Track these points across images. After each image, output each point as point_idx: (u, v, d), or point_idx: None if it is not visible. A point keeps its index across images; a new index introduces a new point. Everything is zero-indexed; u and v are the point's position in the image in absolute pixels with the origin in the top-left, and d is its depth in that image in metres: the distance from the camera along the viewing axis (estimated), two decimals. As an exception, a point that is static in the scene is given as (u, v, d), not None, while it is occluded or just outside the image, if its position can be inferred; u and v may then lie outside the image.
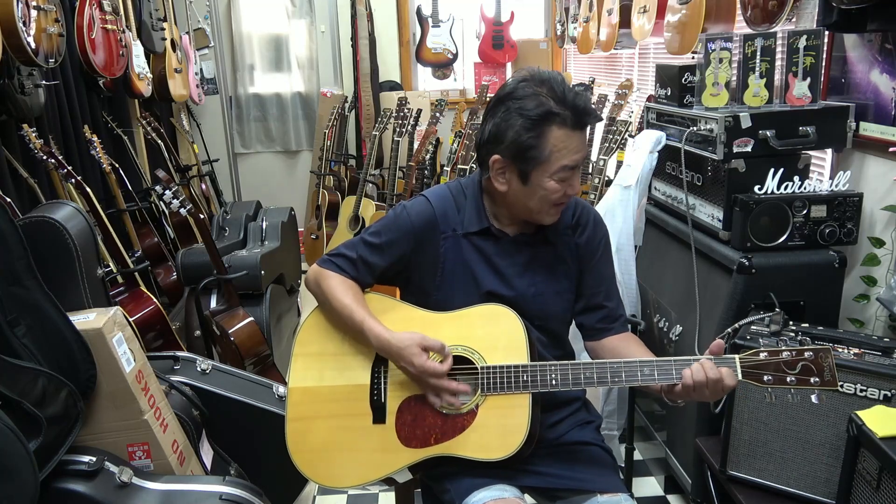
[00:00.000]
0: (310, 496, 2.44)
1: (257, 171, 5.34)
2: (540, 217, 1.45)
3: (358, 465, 1.46)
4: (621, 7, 3.21)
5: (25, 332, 1.46)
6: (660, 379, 1.34)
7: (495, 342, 1.43)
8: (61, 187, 2.83)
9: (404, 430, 1.44)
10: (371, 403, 1.47)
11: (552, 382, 1.37)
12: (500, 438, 1.38)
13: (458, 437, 1.41)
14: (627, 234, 2.31)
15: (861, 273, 1.95)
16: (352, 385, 1.49)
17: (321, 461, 1.48)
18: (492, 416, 1.40)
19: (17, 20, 2.26)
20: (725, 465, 1.77)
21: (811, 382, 1.22)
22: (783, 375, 1.23)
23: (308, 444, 1.49)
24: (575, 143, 1.36)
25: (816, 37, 1.97)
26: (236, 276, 2.87)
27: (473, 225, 1.49)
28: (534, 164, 1.37)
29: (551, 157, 1.35)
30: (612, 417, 2.43)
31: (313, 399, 1.51)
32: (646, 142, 2.29)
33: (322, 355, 1.53)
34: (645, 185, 2.36)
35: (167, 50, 4.05)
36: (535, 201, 1.42)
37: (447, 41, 4.98)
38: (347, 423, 1.48)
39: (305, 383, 1.52)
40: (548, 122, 1.34)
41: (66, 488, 1.45)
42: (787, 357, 1.24)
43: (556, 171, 1.37)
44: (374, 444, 1.45)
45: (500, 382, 1.40)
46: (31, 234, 1.65)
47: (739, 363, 1.28)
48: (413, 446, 1.43)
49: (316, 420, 1.50)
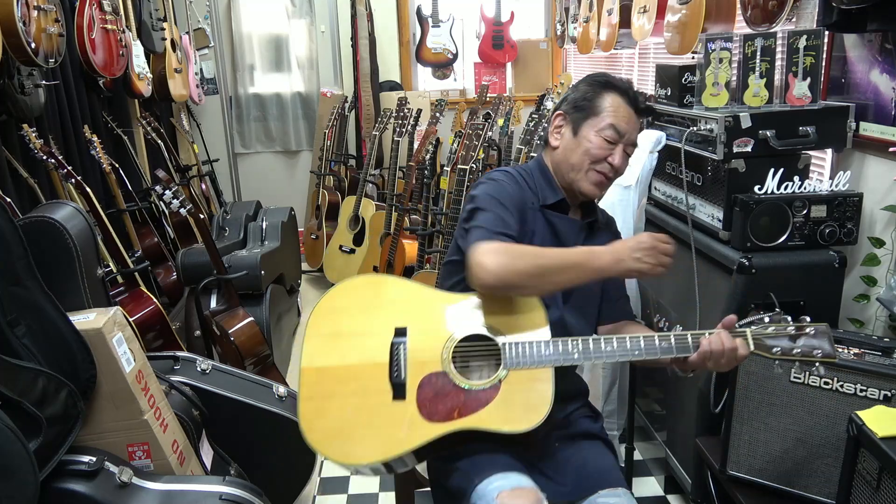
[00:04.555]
0: (310, 496, 2.44)
1: (257, 171, 5.34)
2: (579, 179, 1.58)
3: (378, 441, 1.45)
4: (621, 7, 3.21)
5: (25, 332, 1.46)
6: (678, 350, 1.41)
7: (516, 319, 1.47)
8: (61, 187, 2.83)
9: (426, 405, 1.45)
10: (390, 380, 1.47)
11: (574, 355, 1.42)
12: (523, 411, 1.41)
13: (481, 410, 1.42)
14: (627, 235, 2.31)
15: (861, 273, 1.95)
16: (369, 363, 1.49)
17: (337, 439, 1.47)
18: (515, 390, 1.43)
19: (17, 20, 2.26)
20: (725, 465, 1.77)
21: (814, 354, 1.36)
22: (790, 347, 1.37)
23: (323, 422, 1.48)
24: (627, 112, 1.56)
25: (816, 37, 1.97)
26: (236, 276, 2.87)
27: (549, 197, 1.61)
28: (587, 115, 1.57)
29: (602, 113, 1.55)
30: (612, 417, 2.43)
31: (328, 378, 1.50)
32: (646, 142, 2.29)
33: (337, 335, 1.53)
34: (645, 185, 2.36)
35: (167, 50, 4.04)
36: (578, 155, 1.57)
37: (447, 41, 4.98)
38: (366, 400, 1.47)
39: (319, 363, 1.51)
40: (608, 88, 1.57)
41: (66, 488, 1.45)
42: (792, 331, 1.38)
43: (603, 128, 1.54)
44: (395, 420, 1.45)
45: (523, 357, 1.43)
46: (31, 234, 1.65)
47: (751, 336, 1.39)
48: (436, 421, 1.43)
49: (332, 399, 1.49)
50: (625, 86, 1.58)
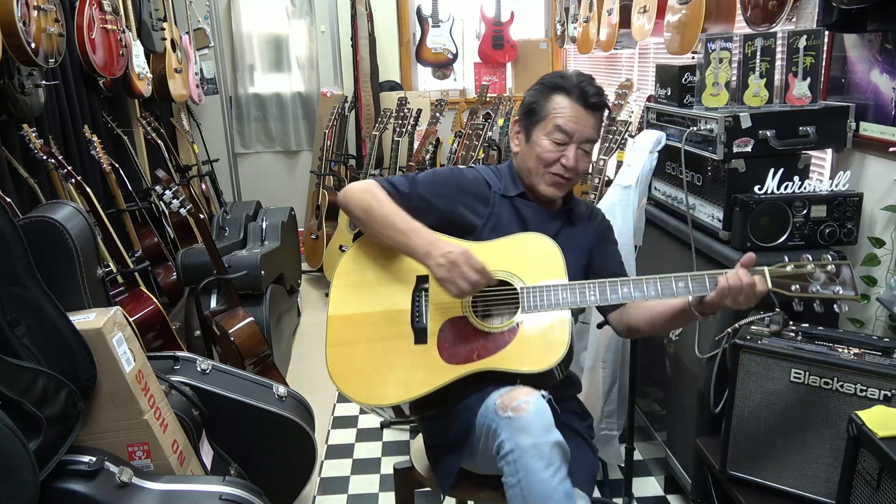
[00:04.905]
0: (310, 496, 2.44)
1: (257, 171, 5.34)
2: (536, 182, 1.64)
3: (401, 382, 1.51)
4: (621, 7, 3.21)
5: (25, 332, 1.46)
6: (695, 290, 1.44)
7: (534, 265, 1.54)
8: (61, 187, 2.83)
9: (446, 348, 1.51)
10: (412, 325, 1.55)
11: (591, 298, 1.48)
12: (540, 352, 1.46)
13: (499, 352, 1.48)
14: (627, 234, 2.31)
15: (861, 273, 1.95)
16: (392, 310, 1.57)
17: (363, 381, 1.53)
18: (533, 332, 1.48)
19: (17, 20, 2.26)
20: (725, 465, 1.77)
21: (835, 292, 1.35)
22: (807, 284, 1.36)
23: (350, 366, 1.55)
24: (575, 112, 1.58)
25: (816, 37, 1.97)
26: (236, 276, 2.87)
27: (511, 189, 1.68)
28: (536, 120, 1.61)
29: (549, 116, 1.59)
30: (611, 417, 2.42)
31: (354, 325, 1.58)
32: (646, 142, 2.29)
33: (361, 284, 1.62)
34: (645, 185, 2.36)
35: (167, 50, 4.05)
36: (532, 160, 1.62)
37: (447, 41, 4.98)
38: (389, 345, 1.55)
39: (345, 311, 1.60)
40: (555, 90, 1.60)
41: (66, 488, 1.45)
42: (811, 269, 1.37)
43: (551, 131, 1.58)
44: (417, 363, 1.52)
45: (540, 301, 1.50)
46: (31, 234, 1.65)
47: (769, 274, 1.41)
48: (455, 363, 1.49)
49: (357, 344, 1.56)
50: (571, 84, 1.58)
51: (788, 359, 1.63)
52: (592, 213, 1.77)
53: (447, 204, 1.63)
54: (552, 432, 1.35)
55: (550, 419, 1.37)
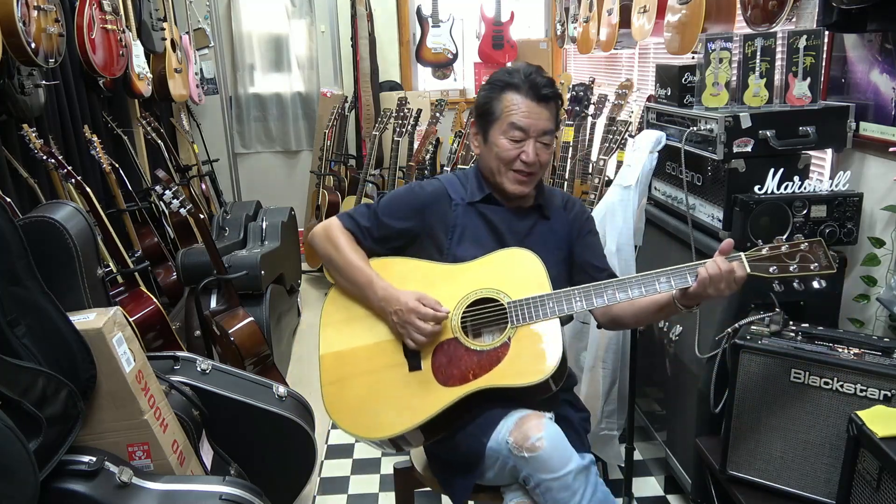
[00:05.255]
0: (310, 496, 2.44)
1: (257, 171, 5.34)
2: (501, 181, 1.63)
3: (401, 411, 1.51)
4: (621, 7, 3.21)
5: (25, 332, 1.46)
6: (677, 284, 1.45)
7: (517, 279, 1.55)
8: (61, 187, 2.83)
9: (441, 371, 1.52)
10: (405, 353, 1.56)
11: (577, 305, 1.49)
12: (534, 364, 1.47)
13: (495, 369, 1.49)
14: (627, 235, 2.31)
15: (861, 273, 1.95)
16: (383, 340, 1.58)
17: (363, 415, 1.54)
18: (525, 345, 1.49)
19: (17, 20, 2.26)
20: (725, 465, 1.77)
21: (811, 269, 1.39)
22: (786, 265, 1.39)
23: (347, 402, 1.55)
24: (526, 107, 1.57)
25: (816, 37, 1.97)
26: (236, 276, 2.87)
27: (476, 194, 1.67)
28: (490, 122, 1.61)
29: (502, 115, 1.59)
30: (611, 417, 2.42)
31: (346, 361, 1.58)
32: (646, 142, 2.29)
33: (349, 320, 1.62)
34: (645, 185, 2.36)
35: (167, 50, 4.04)
36: (493, 160, 1.62)
37: (447, 41, 4.98)
38: (384, 375, 1.55)
39: (336, 347, 1.60)
40: (504, 88, 1.60)
41: (66, 488, 1.45)
42: (786, 250, 1.41)
43: (506, 130, 1.58)
44: (414, 389, 1.52)
45: (528, 313, 1.51)
46: (31, 234, 1.65)
47: (746, 259, 1.42)
48: (452, 384, 1.50)
49: (352, 379, 1.56)
50: (518, 80, 1.59)
51: (788, 359, 1.63)
52: (568, 204, 1.75)
53: (411, 225, 1.65)
54: (571, 460, 1.41)
55: (566, 445, 1.42)
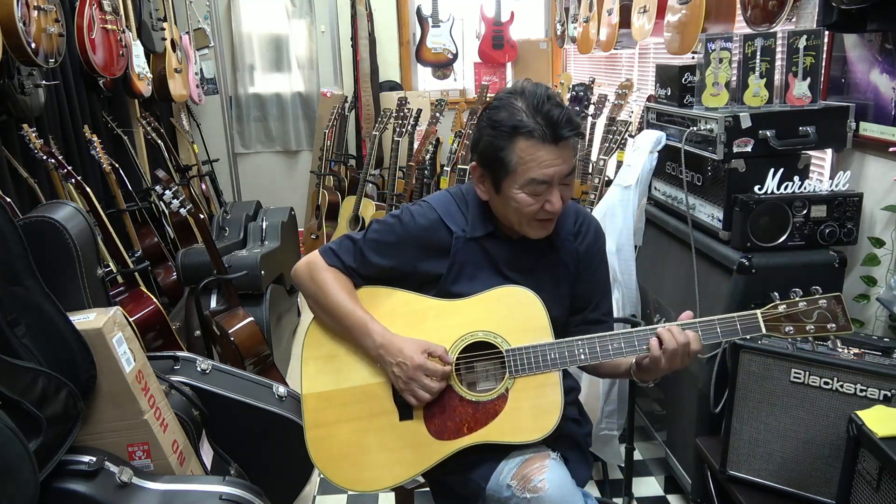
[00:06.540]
0: (310, 496, 2.44)
1: (257, 171, 5.34)
2: (523, 230, 1.43)
3: (390, 465, 1.41)
4: (621, 7, 3.21)
5: (25, 332, 1.46)
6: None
7: (516, 322, 1.41)
8: (61, 187, 2.82)
9: (434, 423, 1.41)
10: (395, 400, 1.43)
11: (581, 357, 1.38)
12: (534, 420, 1.38)
13: (491, 423, 1.39)
14: (627, 234, 2.31)
15: (861, 273, 1.95)
16: (372, 384, 1.45)
17: (350, 467, 1.43)
18: (524, 398, 1.39)
19: (17, 20, 2.26)
20: (725, 465, 1.77)
21: (828, 328, 1.31)
22: (802, 325, 1.32)
23: (333, 451, 1.44)
24: (545, 156, 1.32)
25: (816, 37, 1.97)
26: (236, 276, 2.87)
27: (479, 230, 1.48)
28: (503, 175, 1.36)
29: (518, 170, 1.34)
30: (611, 417, 2.42)
31: (331, 403, 1.45)
32: (646, 142, 2.29)
33: (333, 357, 1.48)
34: (645, 185, 2.36)
35: (167, 50, 4.05)
36: (511, 212, 1.40)
37: (447, 41, 4.98)
38: (372, 423, 1.43)
39: (320, 388, 1.46)
40: (514, 134, 1.32)
41: (66, 488, 1.45)
42: (803, 307, 1.32)
43: (524, 184, 1.35)
44: (405, 441, 1.41)
45: (528, 363, 1.39)
46: (31, 234, 1.65)
47: (762, 317, 1.33)
48: (445, 438, 1.40)
49: (338, 425, 1.44)
50: (531, 123, 1.31)
51: (788, 359, 1.63)
52: (582, 227, 1.54)
53: (402, 263, 1.48)
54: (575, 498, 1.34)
55: (570, 484, 1.36)
